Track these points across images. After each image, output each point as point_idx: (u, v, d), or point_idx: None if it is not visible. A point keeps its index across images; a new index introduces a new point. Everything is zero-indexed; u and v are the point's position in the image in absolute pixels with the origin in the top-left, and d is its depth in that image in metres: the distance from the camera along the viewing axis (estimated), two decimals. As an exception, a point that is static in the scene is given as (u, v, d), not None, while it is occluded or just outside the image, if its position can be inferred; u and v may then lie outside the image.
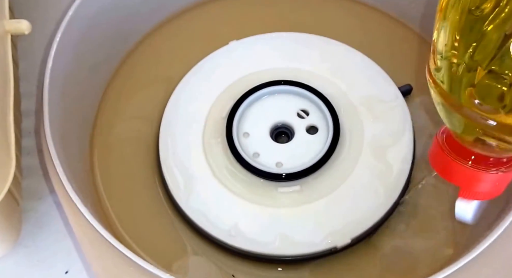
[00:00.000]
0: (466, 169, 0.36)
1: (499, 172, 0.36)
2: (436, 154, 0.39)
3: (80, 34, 0.52)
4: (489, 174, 0.36)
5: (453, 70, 0.34)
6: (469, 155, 0.36)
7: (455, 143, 0.37)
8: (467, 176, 0.37)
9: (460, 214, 0.40)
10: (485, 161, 0.36)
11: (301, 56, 0.57)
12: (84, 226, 0.43)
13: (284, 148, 0.52)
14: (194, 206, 0.50)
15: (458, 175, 0.37)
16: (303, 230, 0.49)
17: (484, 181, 0.37)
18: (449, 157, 0.37)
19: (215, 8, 0.64)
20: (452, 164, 0.37)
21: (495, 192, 0.38)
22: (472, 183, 0.37)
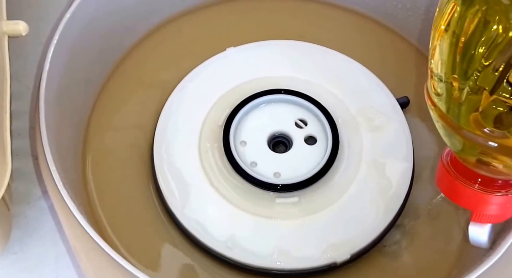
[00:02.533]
0: (473, 192, 0.36)
1: (508, 194, 0.36)
2: (442, 176, 0.38)
3: (75, 38, 0.51)
4: (498, 197, 0.36)
5: (454, 94, 0.34)
6: (475, 177, 0.36)
7: (460, 165, 0.36)
8: (476, 199, 0.36)
9: (474, 239, 0.40)
10: (493, 183, 0.36)
11: (299, 65, 0.57)
12: (79, 234, 0.42)
13: (282, 157, 0.52)
14: (189, 215, 0.49)
15: (466, 197, 0.37)
16: (302, 244, 0.48)
17: (493, 203, 0.36)
18: (456, 179, 0.37)
19: (212, 13, 0.63)
20: (459, 186, 0.36)
21: (506, 214, 0.37)
22: (481, 205, 0.37)
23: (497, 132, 0.32)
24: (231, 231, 0.48)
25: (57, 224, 0.52)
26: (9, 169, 0.41)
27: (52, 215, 0.52)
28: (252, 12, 0.64)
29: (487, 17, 0.32)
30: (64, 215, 0.43)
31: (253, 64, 0.57)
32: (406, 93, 0.56)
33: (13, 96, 0.51)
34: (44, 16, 0.59)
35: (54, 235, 0.52)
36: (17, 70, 0.44)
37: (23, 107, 0.56)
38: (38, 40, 0.57)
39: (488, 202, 0.36)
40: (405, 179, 0.51)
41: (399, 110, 0.54)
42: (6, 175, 0.40)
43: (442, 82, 0.35)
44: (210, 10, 0.63)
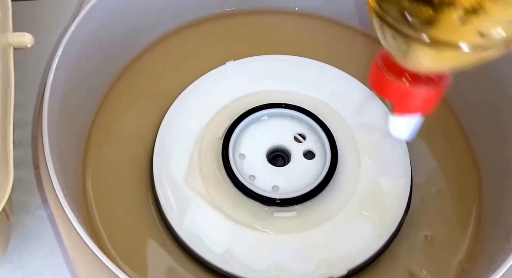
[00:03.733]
0: (399, 86, 0.38)
1: (430, 89, 0.38)
2: (373, 74, 0.40)
3: (79, 50, 0.52)
4: (420, 90, 0.38)
5: None
6: (403, 72, 0.38)
7: (390, 62, 0.38)
8: (401, 92, 0.39)
9: (393, 129, 0.43)
10: (417, 78, 0.38)
11: (299, 80, 0.57)
12: (78, 245, 0.43)
13: (281, 171, 0.52)
14: (187, 228, 0.49)
15: (393, 92, 0.39)
16: (299, 258, 0.48)
17: (415, 96, 0.39)
18: (384, 74, 0.39)
19: (213, 27, 0.64)
20: (387, 81, 0.39)
21: (425, 108, 0.40)
22: (405, 98, 0.39)
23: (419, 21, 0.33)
24: (228, 244, 0.48)
25: (56, 234, 0.52)
26: (11, 180, 0.41)
27: (51, 224, 0.52)
28: (253, 26, 0.64)
29: None
30: (63, 226, 0.43)
31: (252, 78, 0.57)
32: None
33: (15, 106, 0.52)
34: (48, 28, 0.60)
35: (53, 245, 0.52)
36: (19, 80, 0.44)
37: (25, 117, 0.57)
38: (40, 50, 0.57)
39: (411, 94, 0.39)
40: (403, 194, 0.51)
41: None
42: (8, 186, 0.40)
43: None
44: (210, 24, 0.64)
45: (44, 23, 0.60)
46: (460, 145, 0.57)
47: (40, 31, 0.57)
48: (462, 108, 0.58)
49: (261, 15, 0.65)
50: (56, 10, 0.64)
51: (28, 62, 0.57)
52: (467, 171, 0.56)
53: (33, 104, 0.58)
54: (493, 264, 0.42)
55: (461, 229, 0.52)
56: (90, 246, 0.42)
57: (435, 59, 0.35)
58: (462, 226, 0.53)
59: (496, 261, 0.42)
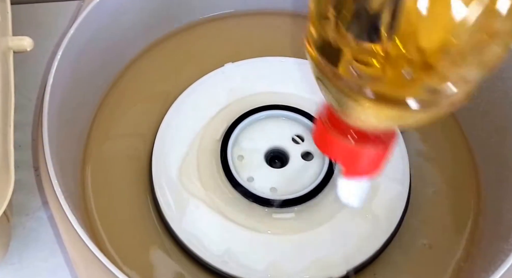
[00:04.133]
0: (345, 145, 0.35)
1: (378, 149, 0.36)
2: (318, 131, 0.38)
3: (78, 53, 0.52)
4: (368, 150, 0.36)
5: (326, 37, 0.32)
6: (348, 131, 0.35)
7: (335, 120, 0.36)
8: (346, 152, 0.36)
9: (343, 195, 0.40)
10: (364, 137, 0.35)
11: (297, 82, 0.57)
12: (78, 247, 0.43)
13: (279, 173, 0.52)
14: (186, 229, 0.50)
15: (338, 151, 0.36)
16: (298, 259, 0.49)
17: (363, 157, 0.36)
18: (330, 133, 0.36)
19: (212, 29, 0.64)
20: (333, 140, 0.36)
21: (374, 169, 0.37)
22: (351, 159, 0.37)
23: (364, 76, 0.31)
24: (227, 245, 0.49)
25: (56, 235, 0.52)
26: (12, 184, 0.41)
27: (51, 226, 0.53)
28: (251, 28, 0.65)
29: None
30: (63, 227, 0.44)
31: (251, 80, 0.57)
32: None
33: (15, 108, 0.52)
34: (47, 31, 0.60)
35: (53, 246, 0.52)
36: (19, 83, 0.44)
37: (25, 119, 0.57)
38: (39, 53, 0.57)
39: (358, 155, 0.36)
40: (402, 196, 0.52)
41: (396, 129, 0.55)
42: (9, 190, 0.41)
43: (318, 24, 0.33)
44: (209, 26, 0.64)
45: (43, 26, 0.61)
46: (459, 146, 0.57)
47: (39, 34, 0.57)
48: (461, 110, 0.58)
49: (259, 17, 0.65)
50: (55, 13, 0.64)
51: (28, 64, 0.57)
52: (466, 172, 0.56)
53: (32, 106, 0.58)
54: (492, 264, 0.43)
55: (458, 230, 0.53)
56: (90, 247, 0.42)
57: (379, 116, 0.32)
58: (460, 227, 0.53)
59: (495, 261, 0.43)
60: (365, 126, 0.34)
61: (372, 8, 0.29)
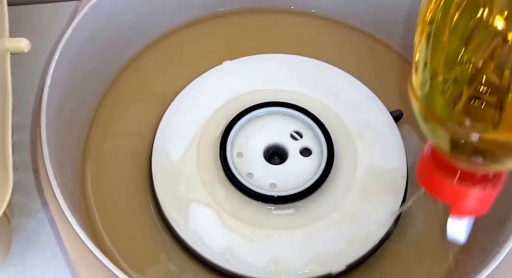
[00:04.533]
0: (452, 185, 0.36)
1: (486, 188, 0.35)
2: (423, 170, 0.38)
3: (76, 53, 0.52)
4: (476, 191, 0.35)
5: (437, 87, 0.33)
6: (455, 171, 0.35)
7: (441, 159, 0.36)
8: (454, 192, 0.36)
9: (451, 234, 0.39)
10: (472, 177, 0.35)
11: (295, 78, 0.58)
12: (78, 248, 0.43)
13: (278, 169, 0.52)
14: (186, 226, 0.50)
15: (445, 191, 0.36)
16: (298, 255, 0.49)
17: (471, 197, 0.36)
18: (436, 173, 0.36)
19: (209, 28, 0.64)
20: (439, 180, 0.36)
21: (483, 208, 0.37)
22: (459, 199, 0.36)
23: (478, 125, 0.31)
24: (228, 242, 0.49)
25: (57, 236, 0.52)
26: (10, 185, 0.41)
27: (52, 227, 0.53)
28: (249, 26, 0.65)
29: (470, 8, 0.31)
30: (64, 229, 0.44)
31: (249, 77, 0.58)
32: (399, 107, 0.57)
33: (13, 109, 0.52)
34: (44, 32, 0.60)
35: (54, 247, 0.52)
36: (17, 84, 0.44)
37: (23, 121, 0.57)
38: (37, 54, 0.58)
39: (467, 195, 0.36)
40: (400, 189, 0.52)
41: (392, 123, 0.55)
42: (8, 191, 0.41)
43: (426, 75, 0.34)
44: (207, 24, 0.64)
45: (41, 27, 0.60)
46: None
47: (37, 35, 0.57)
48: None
49: (257, 14, 0.65)
50: (53, 14, 0.64)
51: (25, 65, 0.57)
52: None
53: (30, 107, 0.58)
54: (487, 255, 0.43)
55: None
56: (90, 248, 0.42)
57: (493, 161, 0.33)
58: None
59: (490, 252, 0.43)
60: (472, 168, 0.35)
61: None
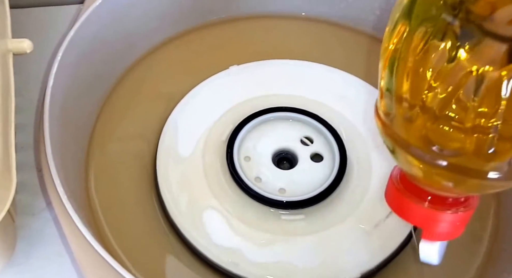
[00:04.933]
0: (423, 209, 0.35)
1: (458, 212, 0.35)
2: (392, 194, 0.37)
3: (79, 54, 0.52)
4: (448, 214, 0.35)
5: (402, 113, 0.33)
6: (425, 195, 0.35)
7: (410, 183, 0.36)
8: (425, 217, 0.36)
9: (424, 256, 0.39)
10: (443, 200, 0.35)
11: (302, 84, 0.58)
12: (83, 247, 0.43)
13: (287, 174, 0.52)
14: (193, 230, 0.49)
15: (416, 215, 0.36)
16: (308, 262, 0.48)
17: (443, 221, 0.35)
18: (406, 197, 0.36)
19: (216, 32, 0.64)
20: (409, 204, 0.36)
21: (456, 232, 0.36)
22: (431, 223, 0.36)
23: (445, 151, 0.32)
24: (236, 247, 0.48)
25: (61, 235, 0.53)
26: (14, 184, 0.41)
27: (56, 226, 0.53)
28: (256, 31, 0.65)
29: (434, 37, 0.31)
30: (68, 228, 0.43)
31: (255, 82, 0.57)
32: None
33: (16, 110, 0.53)
34: (47, 33, 0.61)
35: (59, 246, 0.52)
36: (20, 85, 0.45)
37: (26, 121, 0.57)
38: (40, 56, 0.58)
39: (438, 219, 0.35)
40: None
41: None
42: (11, 190, 0.41)
43: (391, 101, 0.34)
44: (213, 29, 0.64)
45: (45, 29, 0.61)
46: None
47: (40, 37, 0.57)
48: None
49: (264, 20, 0.65)
50: (56, 16, 0.65)
51: (28, 66, 0.58)
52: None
53: (33, 108, 0.59)
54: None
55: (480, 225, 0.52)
56: (94, 246, 0.42)
57: (457, 184, 0.33)
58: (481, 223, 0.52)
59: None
60: (442, 192, 0.34)
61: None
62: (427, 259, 0.39)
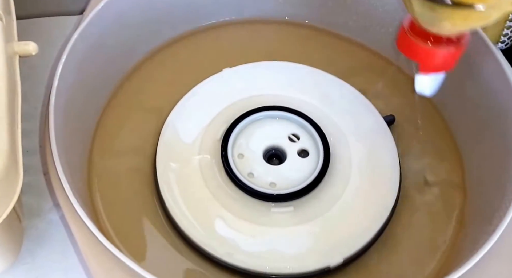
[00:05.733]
0: (423, 47, 0.44)
1: (450, 49, 0.44)
2: (401, 38, 0.46)
3: (81, 58, 0.54)
4: (442, 50, 0.44)
5: None
6: (427, 36, 0.44)
7: (416, 28, 0.44)
8: (425, 53, 0.45)
9: (419, 88, 0.48)
10: (439, 40, 0.44)
11: (291, 84, 0.60)
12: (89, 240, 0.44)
13: (277, 169, 0.54)
14: (191, 223, 0.51)
15: (418, 52, 0.45)
16: (297, 250, 0.51)
17: (437, 56, 0.45)
18: (411, 39, 0.44)
19: (209, 37, 0.66)
20: (413, 44, 0.45)
21: (447, 66, 0.46)
22: (428, 58, 0.45)
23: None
24: (230, 238, 0.51)
25: (67, 235, 0.54)
26: (21, 179, 0.42)
27: (62, 226, 0.55)
28: (246, 36, 0.67)
29: None
30: (74, 222, 0.45)
31: (248, 83, 0.60)
32: (392, 111, 0.60)
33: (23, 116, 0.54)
34: (52, 43, 0.62)
35: (64, 246, 0.54)
36: (25, 92, 0.46)
37: (31, 127, 0.59)
38: (44, 64, 0.60)
39: (434, 54, 0.45)
40: (393, 189, 0.54)
41: (384, 125, 0.58)
42: (18, 185, 0.42)
43: None
44: (207, 33, 0.67)
45: (50, 38, 0.62)
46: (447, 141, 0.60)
47: (45, 46, 0.59)
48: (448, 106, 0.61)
49: (255, 25, 0.68)
50: (62, 26, 0.66)
51: (32, 74, 0.59)
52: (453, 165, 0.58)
53: (38, 114, 0.60)
54: (476, 244, 0.45)
55: (447, 214, 0.55)
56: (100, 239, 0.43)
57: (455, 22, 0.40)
58: (448, 212, 0.55)
59: (480, 241, 0.45)
60: (442, 32, 0.42)
61: None
62: (421, 90, 0.48)
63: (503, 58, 0.53)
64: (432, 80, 0.48)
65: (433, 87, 0.48)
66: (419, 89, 0.48)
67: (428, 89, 0.48)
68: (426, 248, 0.53)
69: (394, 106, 0.61)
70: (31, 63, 0.50)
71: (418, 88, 0.48)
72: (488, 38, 0.54)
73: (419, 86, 0.48)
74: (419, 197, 0.56)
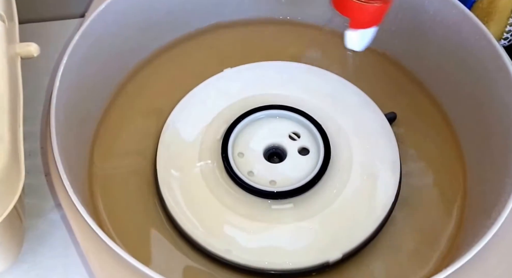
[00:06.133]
0: (354, 3, 0.49)
1: (377, 5, 0.49)
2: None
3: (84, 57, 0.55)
4: (370, 6, 0.49)
5: None
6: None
7: None
8: (355, 8, 0.49)
9: (349, 43, 0.53)
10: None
11: (292, 83, 0.60)
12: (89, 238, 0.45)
13: (278, 167, 0.55)
14: (191, 222, 0.52)
15: (349, 8, 0.50)
16: (296, 246, 0.51)
17: (366, 11, 0.50)
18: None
19: (209, 38, 0.67)
20: (347, 2, 0.49)
21: (375, 21, 0.51)
22: (358, 13, 0.50)
23: None
24: (231, 235, 0.51)
25: (68, 235, 0.55)
26: (23, 176, 0.43)
27: (63, 227, 0.55)
28: (248, 36, 0.68)
29: None
30: (75, 221, 0.46)
31: (248, 83, 0.60)
32: (393, 109, 0.60)
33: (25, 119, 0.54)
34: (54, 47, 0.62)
35: (64, 246, 0.54)
36: (26, 95, 0.46)
37: (32, 130, 0.59)
38: (45, 67, 0.60)
39: (363, 10, 0.49)
40: (392, 186, 0.54)
41: (386, 123, 0.58)
42: (20, 181, 0.43)
43: None
44: (206, 35, 0.67)
45: (50, 42, 0.63)
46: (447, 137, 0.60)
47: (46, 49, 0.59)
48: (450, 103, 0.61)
49: (256, 26, 0.68)
50: (62, 30, 0.67)
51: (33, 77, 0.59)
52: (453, 161, 0.58)
53: (39, 117, 0.60)
54: (475, 237, 0.45)
55: (447, 210, 0.55)
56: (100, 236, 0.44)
57: None
58: (448, 208, 0.55)
59: (479, 234, 0.45)
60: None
61: None
62: (352, 46, 0.53)
63: (505, 54, 0.53)
64: (362, 36, 0.52)
65: (363, 43, 0.53)
66: (350, 45, 0.53)
67: (358, 45, 0.53)
68: (425, 244, 0.53)
69: (396, 104, 0.61)
70: (33, 66, 0.50)
71: (349, 45, 0.53)
72: (491, 35, 0.54)
73: (350, 43, 0.53)
74: (419, 194, 0.56)
